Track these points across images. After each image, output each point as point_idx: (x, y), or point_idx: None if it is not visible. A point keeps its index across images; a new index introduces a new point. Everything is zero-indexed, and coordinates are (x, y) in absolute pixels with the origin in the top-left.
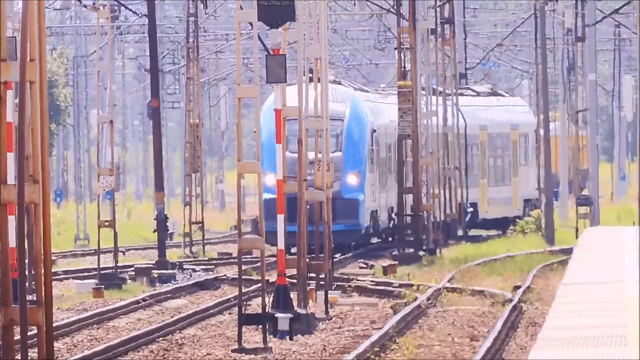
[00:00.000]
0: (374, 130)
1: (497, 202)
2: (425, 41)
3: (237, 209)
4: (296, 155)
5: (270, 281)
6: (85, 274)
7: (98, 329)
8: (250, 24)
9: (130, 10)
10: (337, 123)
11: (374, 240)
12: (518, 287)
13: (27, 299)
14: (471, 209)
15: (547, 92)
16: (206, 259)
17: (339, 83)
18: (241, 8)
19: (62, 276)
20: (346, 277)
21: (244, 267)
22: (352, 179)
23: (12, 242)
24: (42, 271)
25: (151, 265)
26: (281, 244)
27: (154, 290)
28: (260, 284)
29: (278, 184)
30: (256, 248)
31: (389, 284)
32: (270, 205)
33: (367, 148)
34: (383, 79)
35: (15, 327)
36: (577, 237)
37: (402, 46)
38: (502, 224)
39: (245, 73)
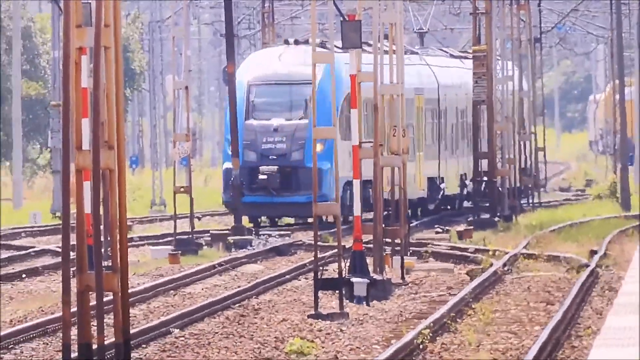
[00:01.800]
0: None
1: None
2: (500, 6)
3: (312, 175)
4: (263, 122)
5: (346, 247)
6: (161, 240)
7: (174, 295)
8: None
9: None
10: (305, 88)
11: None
12: (594, 253)
13: (103, 265)
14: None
15: (622, 57)
16: (282, 224)
17: (323, 45)
18: None
19: (137, 242)
20: (422, 242)
21: (320, 233)
22: (318, 147)
23: (88, 208)
24: (118, 237)
25: (227, 231)
26: (357, 210)
27: (230, 255)
28: (336, 250)
29: (354, 150)
30: (332, 213)
31: (464, 250)
32: (229, 175)
33: (337, 114)
34: (458, 44)
35: (90, 293)
36: None
37: (477, 11)
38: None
39: (320, 39)
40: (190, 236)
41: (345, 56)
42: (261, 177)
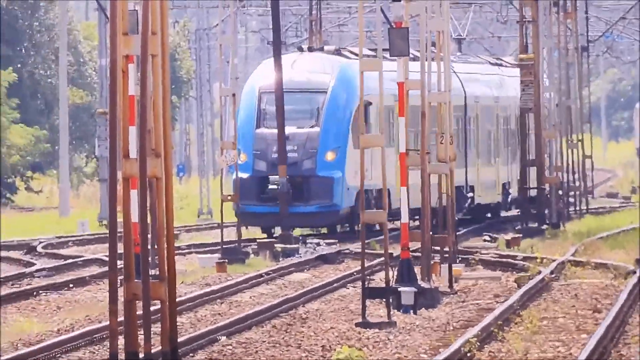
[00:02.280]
0: (370, 103)
1: None
2: (547, 14)
3: (359, 181)
4: (274, 130)
5: (394, 255)
6: (209, 248)
7: (221, 303)
8: None
9: None
10: (318, 96)
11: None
12: None
13: (150, 273)
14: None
15: None
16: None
17: (339, 52)
18: None
19: (185, 250)
20: (470, 250)
21: (367, 241)
22: (329, 156)
23: (135, 216)
24: (165, 245)
25: (274, 239)
26: (405, 217)
27: (277, 264)
28: (383, 258)
29: (400, 157)
30: (379, 221)
31: (512, 257)
32: (243, 183)
33: (350, 122)
34: (505, 52)
35: (137, 301)
36: None
37: (524, 19)
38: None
39: (367, 46)
40: (238, 245)
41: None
42: (271, 186)
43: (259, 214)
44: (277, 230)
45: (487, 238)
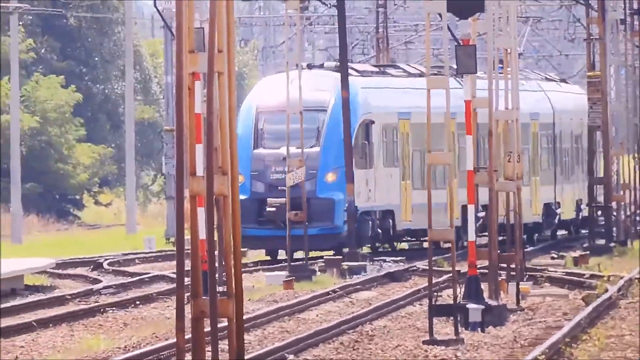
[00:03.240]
0: (372, 122)
1: None
2: (614, 32)
3: (427, 200)
4: (272, 151)
5: (461, 272)
6: (276, 265)
7: (289, 320)
8: (440, 14)
9: (320, 0)
10: (318, 115)
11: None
12: None
13: (217, 290)
14: None
15: None
16: (396, 250)
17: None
18: None
19: (252, 268)
20: (537, 267)
21: (434, 258)
22: (330, 177)
23: (202, 234)
24: (232, 263)
25: (341, 257)
26: (472, 235)
27: (345, 282)
28: (451, 275)
29: (468, 175)
30: (446, 239)
31: (580, 275)
32: (241, 206)
33: (353, 143)
34: (573, 70)
35: (205, 319)
36: None
37: (591, 37)
38: None
39: (434, 64)
40: (305, 262)
41: (361, 80)
42: (269, 209)
43: (259, 237)
44: (282, 254)
45: (554, 255)
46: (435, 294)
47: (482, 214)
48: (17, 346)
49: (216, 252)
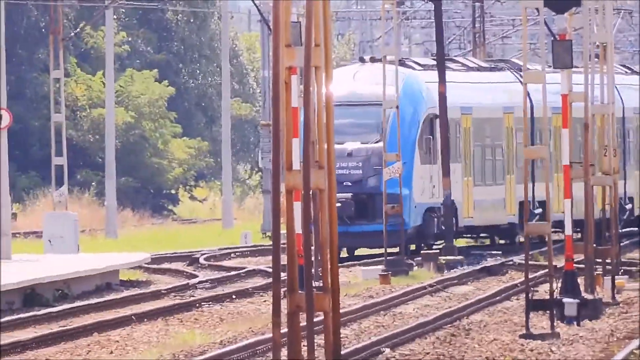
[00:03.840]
0: (436, 116)
1: None
2: None
3: (523, 192)
4: (335, 146)
5: (557, 267)
6: (372, 260)
7: (385, 315)
8: (537, 9)
9: None
10: (381, 109)
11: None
12: None
13: (314, 285)
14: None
15: None
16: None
17: (402, 62)
18: None
19: (348, 263)
20: (633, 261)
21: (531, 252)
22: None
23: (298, 228)
24: (329, 257)
25: (438, 251)
26: (568, 229)
27: (441, 276)
28: (547, 270)
29: (565, 170)
30: (543, 233)
31: None
32: None
33: (417, 136)
34: None
35: (301, 313)
36: None
37: None
38: None
39: (531, 58)
40: (401, 257)
41: (426, 74)
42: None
43: (361, 234)
44: (343, 252)
45: None
46: (532, 288)
47: (538, 211)
48: (112, 340)
49: (312, 247)
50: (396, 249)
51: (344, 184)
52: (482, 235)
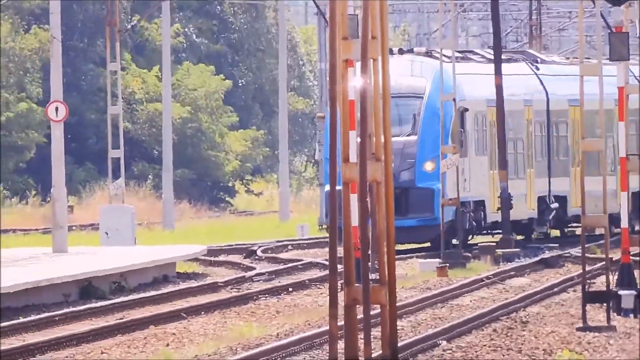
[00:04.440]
0: (466, 109)
1: None
2: None
3: (580, 186)
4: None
5: (613, 259)
6: (429, 252)
7: (442, 307)
8: (593, 2)
9: None
10: (414, 101)
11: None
12: None
13: (370, 278)
14: None
15: None
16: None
17: (430, 54)
18: None
19: (405, 255)
20: None
21: (587, 245)
22: (428, 166)
23: (355, 220)
24: (385, 250)
25: (495, 244)
26: (625, 222)
27: (498, 268)
28: (604, 262)
29: (621, 162)
30: (600, 226)
31: None
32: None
33: (450, 130)
34: None
35: (358, 306)
36: None
37: None
38: None
39: (587, 51)
40: (458, 249)
41: (458, 66)
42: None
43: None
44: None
45: None
46: (589, 280)
47: (555, 205)
48: (168, 333)
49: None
50: (427, 244)
51: None
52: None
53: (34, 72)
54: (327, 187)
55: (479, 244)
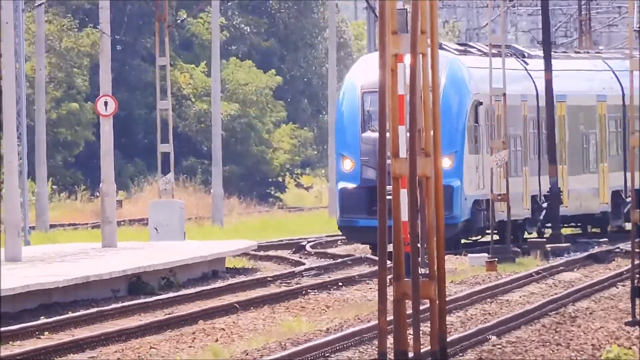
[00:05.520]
0: (480, 103)
1: None
2: None
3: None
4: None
5: None
6: (478, 247)
7: (491, 302)
8: None
9: None
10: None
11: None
12: None
13: (420, 272)
14: None
15: None
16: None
17: (441, 47)
18: None
19: (454, 250)
20: None
21: (637, 239)
22: (446, 162)
23: (405, 215)
24: (435, 244)
25: (544, 239)
26: None
27: (547, 263)
28: None
29: None
30: None
31: None
32: (346, 195)
33: (465, 124)
34: None
35: (407, 300)
36: None
37: None
38: None
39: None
40: (507, 244)
41: (465, 59)
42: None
43: (370, 228)
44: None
45: None
46: (638, 275)
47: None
48: (217, 328)
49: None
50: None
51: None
52: (571, 224)
53: (83, 69)
54: (341, 185)
55: (528, 240)
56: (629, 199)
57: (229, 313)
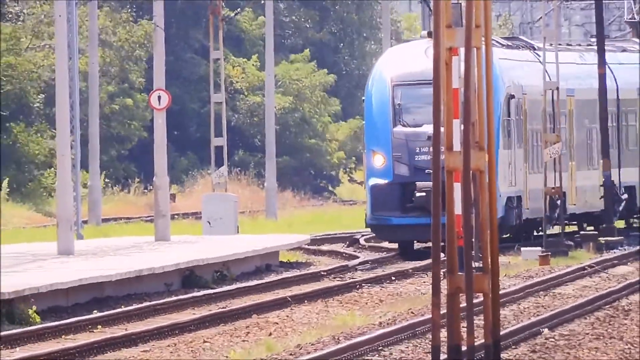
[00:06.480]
0: (512, 97)
1: None
2: None
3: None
4: (414, 129)
5: None
6: (532, 241)
7: (544, 296)
8: None
9: None
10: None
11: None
12: None
13: (473, 266)
14: None
15: None
16: None
17: None
18: None
19: (507, 244)
20: None
21: None
22: None
23: (458, 209)
24: (489, 238)
25: (597, 232)
26: None
27: (601, 256)
28: None
29: None
30: None
31: None
32: (377, 192)
33: (499, 119)
34: None
35: (460, 294)
36: None
37: None
38: None
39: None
40: (560, 237)
41: (499, 51)
42: (418, 194)
43: (404, 226)
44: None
45: None
46: None
47: (624, 196)
48: (271, 322)
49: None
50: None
51: (426, 171)
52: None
53: (137, 62)
54: (372, 182)
55: (580, 232)
56: (623, 196)
57: (283, 307)
